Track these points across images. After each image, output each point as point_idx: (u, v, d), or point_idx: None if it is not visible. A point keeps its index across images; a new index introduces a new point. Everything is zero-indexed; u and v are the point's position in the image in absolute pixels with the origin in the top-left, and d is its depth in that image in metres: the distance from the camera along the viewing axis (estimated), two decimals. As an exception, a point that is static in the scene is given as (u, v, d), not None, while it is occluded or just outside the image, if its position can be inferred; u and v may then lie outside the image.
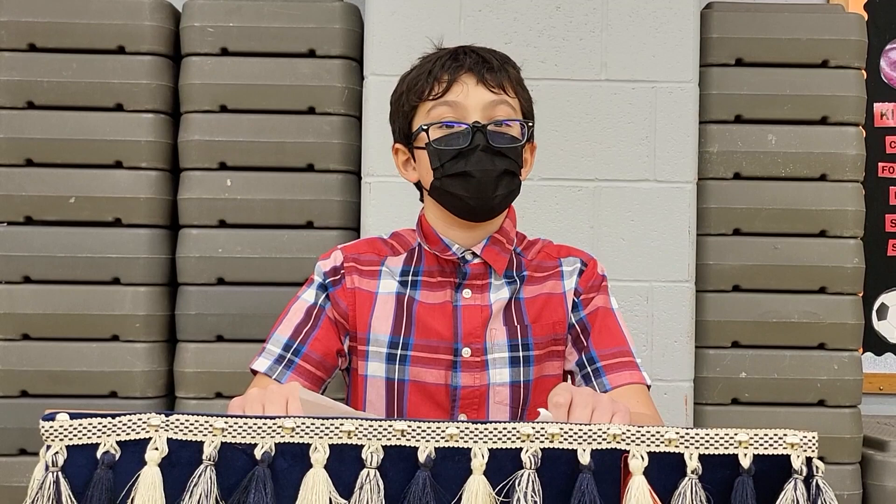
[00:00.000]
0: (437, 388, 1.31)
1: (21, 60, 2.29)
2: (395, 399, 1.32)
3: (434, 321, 1.32)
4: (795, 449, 0.91)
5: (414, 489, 0.90)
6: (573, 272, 1.39)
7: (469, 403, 1.31)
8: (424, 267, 1.37)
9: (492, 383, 1.31)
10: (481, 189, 1.28)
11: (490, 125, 1.28)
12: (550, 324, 1.35)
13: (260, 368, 1.31)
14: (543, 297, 1.36)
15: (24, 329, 2.25)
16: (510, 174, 1.30)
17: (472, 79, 1.29)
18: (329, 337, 1.34)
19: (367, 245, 1.41)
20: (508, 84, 1.32)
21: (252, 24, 2.30)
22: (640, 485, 0.89)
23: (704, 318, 2.32)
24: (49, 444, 0.90)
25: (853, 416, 2.30)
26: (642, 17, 2.28)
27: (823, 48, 2.34)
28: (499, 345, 1.32)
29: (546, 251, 1.42)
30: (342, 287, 1.35)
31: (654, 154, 2.28)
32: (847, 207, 2.32)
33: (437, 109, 1.30)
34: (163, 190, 2.31)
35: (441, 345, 1.31)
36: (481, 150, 1.27)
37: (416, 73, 1.34)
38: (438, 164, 1.29)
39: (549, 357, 1.35)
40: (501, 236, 1.36)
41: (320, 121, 2.30)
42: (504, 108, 1.30)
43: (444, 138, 1.29)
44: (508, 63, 1.35)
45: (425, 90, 1.31)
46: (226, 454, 0.91)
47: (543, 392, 1.31)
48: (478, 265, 1.35)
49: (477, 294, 1.34)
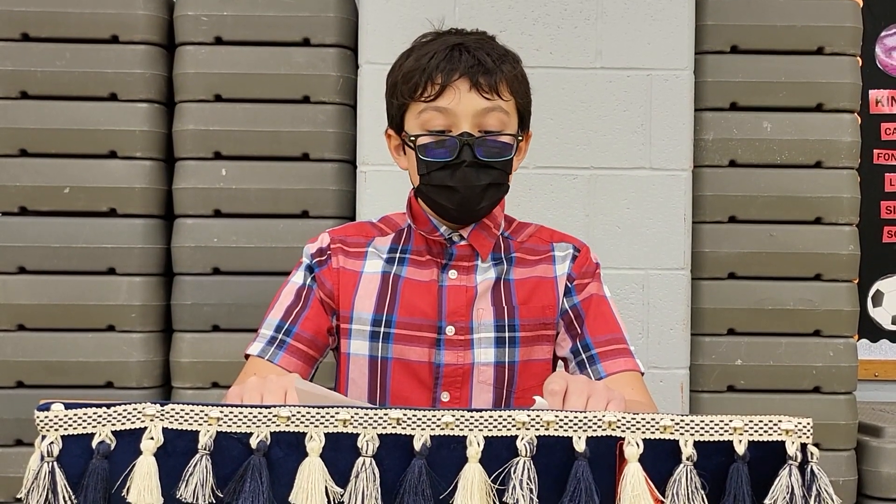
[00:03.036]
0: (421, 365, 1.31)
1: (14, 50, 2.28)
2: (379, 377, 1.32)
3: (418, 299, 1.33)
4: (790, 435, 0.91)
5: (410, 477, 0.90)
6: (566, 258, 1.39)
7: (452, 382, 1.31)
8: (413, 246, 1.37)
9: (476, 362, 1.31)
10: (465, 202, 1.29)
11: (479, 137, 1.27)
12: (540, 307, 1.35)
13: (253, 352, 1.31)
14: (534, 280, 1.36)
15: (20, 320, 2.25)
16: (496, 185, 1.30)
17: (465, 84, 1.27)
18: (319, 315, 1.34)
19: (354, 228, 1.44)
20: (504, 85, 1.29)
21: (246, 13, 2.29)
22: (635, 472, 0.89)
23: (700, 306, 2.32)
24: (44, 434, 0.90)
25: (848, 402, 2.31)
26: (637, 4, 2.28)
27: (819, 35, 2.33)
28: (485, 324, 1.32)
29: (539, 235, 1.42)
30: (328, 267, 1.37)
31: (650, 142, 2.28)
32: (842, 194, 2.32)
33: (427, 114, 1.28)
34: (157, 180, 2.30)
35: (425, 322, 1.31)
36: (467, 166, 1.26)
37: (411, 65, 1.31)
38: (425, 172, 1.29)
39: (537, 340, 1.34)
40: (489, 221, 1.36)
41: (315, 110, 2.29)
42: (496, 115, 1.28)
43: (431, 147, 1.28)
44: (506, 60, 1.31)
45: (418, 89, 1.28)
46: (221, 443, 0.91)
47: (531, 376, 1.32)
48: (464, 247, 1.35)
49: (463, 275, 1.35)
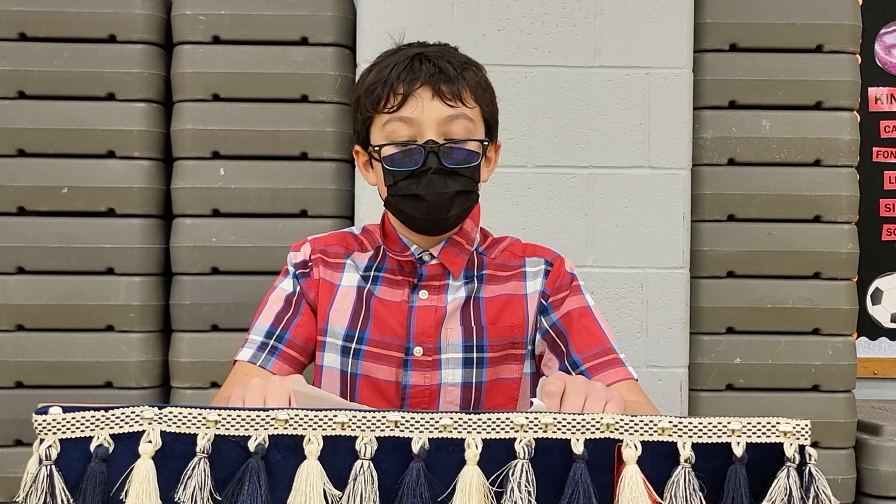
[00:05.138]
0: (388, 384, 1.30)
1: (12, 50, 2.28)
2: (349, 392, 1.32)
3: (390, 318, 1.32)
4: (788, 437, 0.91)
5: (408, 480, 0.90)
6: (538, 273, 1.37)
7: (418, 402, 1.30)
8: (388, 265, 1.37)
9: (443, 383, 1.30)
10: (433, 211, 1.27)
11: (444, 144, 1.26)
12: (508, 326, 1.33)
13: (243, 358, 1.31)
14: (504, 298, 1.35)
15: (19, 320, 2.25)
16: (464, 193, 1.28)
17: (427, 92, 1.25)
18: (310, 322, 1.35)
19: (336, 238, 1.42)
20: (467, 93, 1.28)
21: (244, 12, 2.28)
22: (633, 474, 0.89)
23: (699, 305, 2.32)
24: (42, 437, 0.90)
25: (847, 400, 2.31)
26: (636, 2, 2.27)
27: (818, 33, 2.33)
28: (453, 345, 1.31)
29: (510, 250, 1.40)
30: (311, 278, 1.37)
31: (649, 140, 2.28)
32: (841, 193, 2.32)
33: (391, 125, 1.27)
34: (156, 179, 2.30)
35: (394, 342, 1.31)
36: (433, 173, 1.25)
37: (373, 78, 1.29)
38: (392, 182, 1.28)
39: (505, 360, 1.33)
40: (461, 238, 1.35)
41: (313, 109, 2.29)
42: (461, 122, 1.27)
43: (396, 156, 1.27)
44: (468, 68, 1.30)
45: (381, 101, 1.27)
46: (219, 446, 0.91)
47: (498, 395, 1.32)
48: (434, 266, 1.34)
49: (434, 295, 1.33)
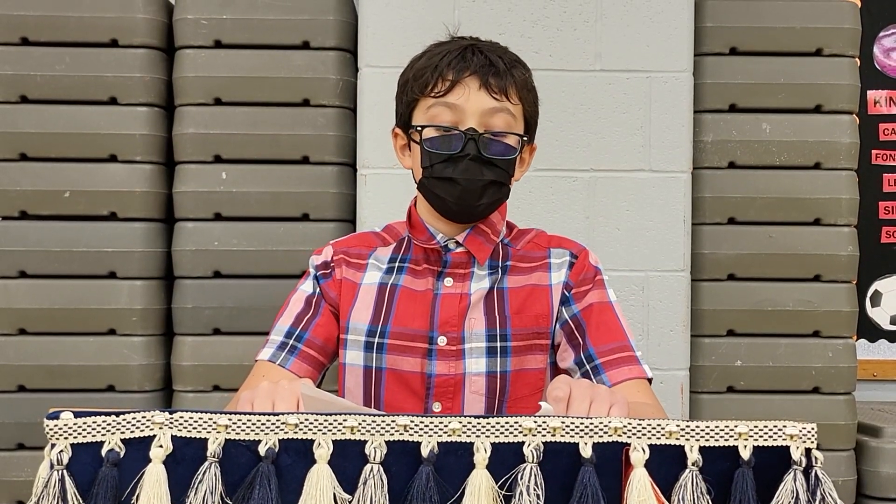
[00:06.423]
0: (413, 375, 1.31)
1: (14, 54, 2.28)
2: (373, 387, 1.33)
3: (412, 309, 1.33)
4: (794, 440, 0.92)
5: (417, 484, 0.90)
6: (562, 265, 1.37)
7: (444, 392, 1.30)
8: (412, 255, 1.38)
9: (468, 372, 1.30)
10: (465, 196, 1.29)
11: (484, 134, 1.28)
12: (533, 316, 1.34)
13: (264, 357, 1.33)
14: (528, 288, 1.35)
15: (21, 324, 2.25)
16: (497, 184, 1.30)
17: (475, 82, 1.28)
18: (330, 323, 1.36)
19: (357, 239, 1.45)
20: (513, 89, 1.30)
21: (246, 16, 2.29)
22: (641, 477, 0.90)
23: (700, 307, 2.33)
24: (54, 442, 0.90)
25: (847, 402, 2.32)
26: (636, 6, 2.28)
27: (817, 36, 2.34)
28: (476, 334, 1.31)
29: (536, 241, 1.41)
30: (332, 279, 1.38)
31: (649, 144, 2.28)
32: (841, 195, 2.33)
33: (435, 109, 1.29)
34: (158, 183, 2.30)
35: (417, 333, 1.32)
36: (470, 159, 1.27)
37: (423, 63, 1.33)
38: (428, 164, 1.30)
39: (529, 350, 1.33)
40: (486, 227, 1.36)
41: (315, 113, 2.29)
42: (503, 116, 1.29)
43: (436, 140, 1.29)
44: (517, 66, 1.33)
45: (428, 85, 1.30)
46: (230, 451, 0.91)
47: (523, 385, 1.32)
48: (460, 254, 1.35)
49: (458, 283, 1.34)
